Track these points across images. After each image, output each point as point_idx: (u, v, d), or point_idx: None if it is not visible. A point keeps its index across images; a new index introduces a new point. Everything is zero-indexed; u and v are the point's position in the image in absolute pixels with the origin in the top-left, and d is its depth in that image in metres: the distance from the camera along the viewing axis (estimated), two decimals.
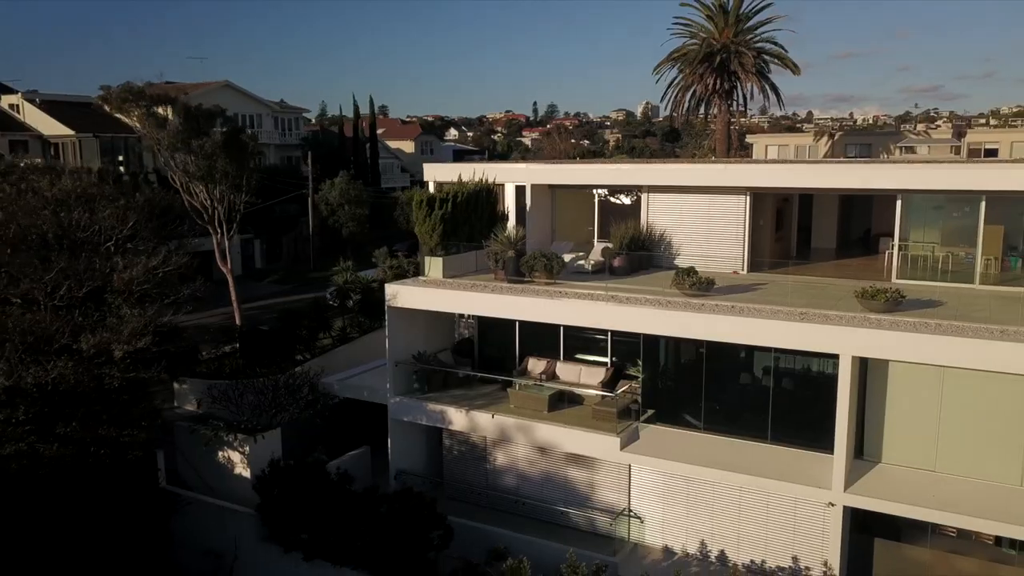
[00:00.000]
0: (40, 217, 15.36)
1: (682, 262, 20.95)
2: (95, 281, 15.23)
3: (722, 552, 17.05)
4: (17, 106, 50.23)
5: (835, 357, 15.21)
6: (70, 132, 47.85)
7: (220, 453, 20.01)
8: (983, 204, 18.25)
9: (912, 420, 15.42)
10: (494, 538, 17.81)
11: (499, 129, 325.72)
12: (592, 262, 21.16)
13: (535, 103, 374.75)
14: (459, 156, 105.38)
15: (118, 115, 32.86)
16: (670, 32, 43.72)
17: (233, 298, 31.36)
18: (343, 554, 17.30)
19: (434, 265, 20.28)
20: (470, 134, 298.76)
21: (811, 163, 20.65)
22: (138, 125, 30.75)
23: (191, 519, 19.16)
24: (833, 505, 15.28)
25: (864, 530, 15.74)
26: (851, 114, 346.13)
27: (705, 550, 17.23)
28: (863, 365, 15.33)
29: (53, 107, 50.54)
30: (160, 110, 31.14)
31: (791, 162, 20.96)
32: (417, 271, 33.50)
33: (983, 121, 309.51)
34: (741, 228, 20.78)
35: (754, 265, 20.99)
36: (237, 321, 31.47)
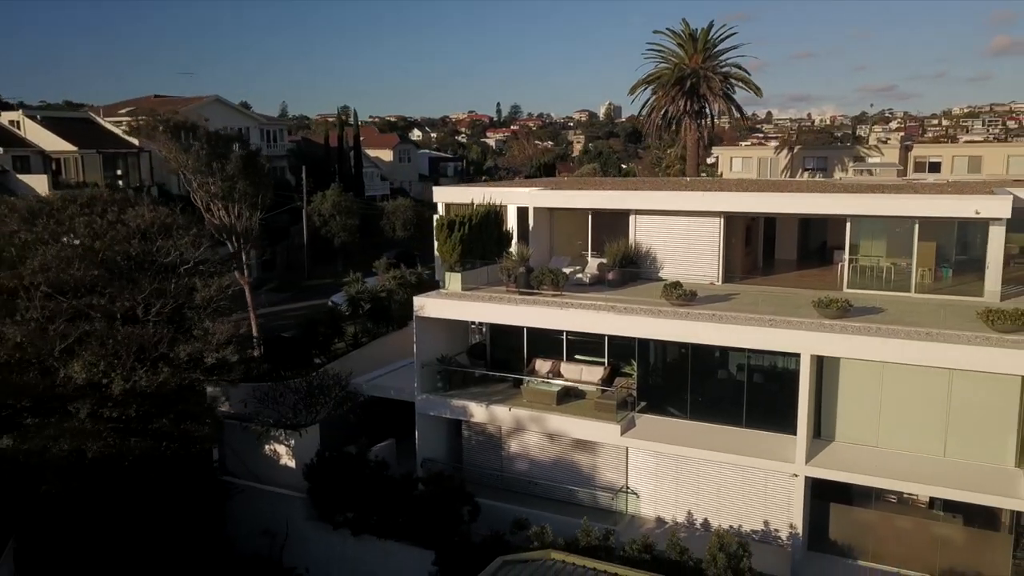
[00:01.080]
0: (131, 245, 18.05)
1: (666, 275, 24.30)
2: (179, 299, 17.95)
3: (705, 520, 20.30)
4: (17, 122, 51.89)
5: (797, 356, 18.54)
6: (72, 148, 49.73)
7: (267, 447, 22.75)
8: (916, 226, 21.80)
9: (859, 406, 18.83)
10: (511, 514, 20.78)
11: (463, 130, 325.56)
12: (589, 275, 24.34)
13: (498, 104, 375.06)
14: (434, 163, 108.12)
15: (146, 141, 35.12)
16: (644, 56, 47.30)
17: (251, 307, 33.95)
18: (386, 529, 20.24)
19: (454, 280, 23.26)
20: (434, 135, 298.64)
21: (775, 193, 23.92)
22: (163, 150, 33.12)
23: (246, 504, 21.92)
24: (797, 476, 18.62)
25: (822, 497, 19.12)
26: (809, 115, 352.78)
27: (691, 519, 20.47)
28: (820, 362, 18.68)
29: (53, 123, 52.38)
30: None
31: (759, 191, 24.22)
32: (419, 280, 36.60)
33: (935, 122, 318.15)
34: (716, 245, 24.11)
35: (727, 277, 24.34)
36: (254, 329, 34.04)
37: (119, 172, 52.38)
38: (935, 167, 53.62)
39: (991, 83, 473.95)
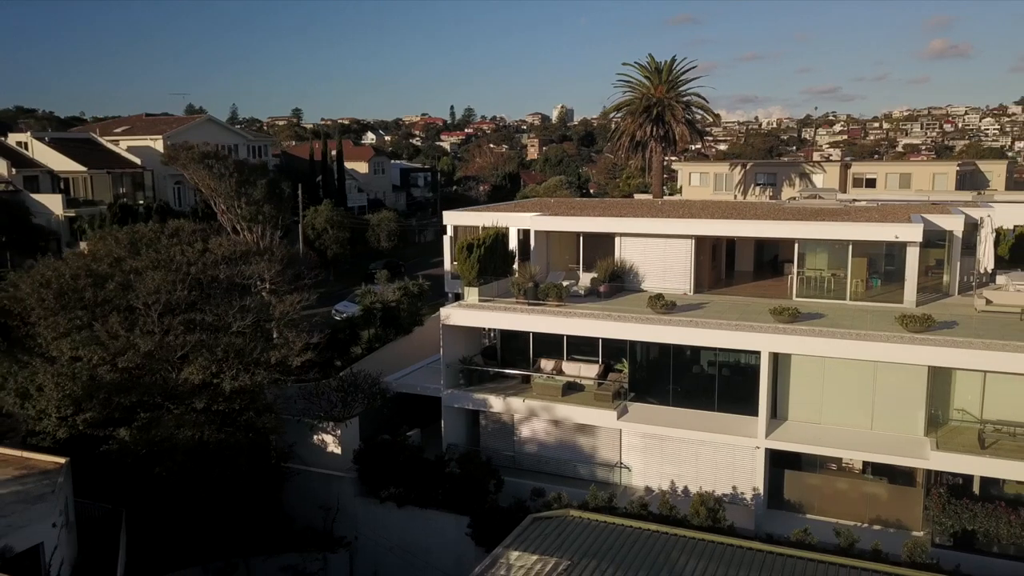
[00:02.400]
0: (219, 269, 21.82)
1: (647, 287, 28.86)
2: (261, 314, 21.78)
3: (685, 487, 24.80)
4: (26, 144, 54.44)
5: (757, 353, 23.15)
6: (82, 168, 52.54)
7: (315, 436, 26.66)
8: (850, 246, 26.68)
9: (806, 391, 23.55)
10: (525, 488, 24.97)
11: (417, 133, 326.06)
12: (583, 288, 28.75)
13: (452, 107, 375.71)
14: (405, 175, 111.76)
15: (185, 172, 38.55)
16: (614, 86, 52.13)
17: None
18: (426, 501, 24.36)
19: (472, 293, 27.46)
20: (387, 138, 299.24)
21: (737, 220, 28.58)
22: (194, 178, 36.65)
23: (302, 485, 25.79)
24: (758, 449, 23.24)
25: (778, 465, 23.77)
26: (756, 117, 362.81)
27: (674, 487, 24.96)
28: (775, 357, 23.33)
29: (59, 144, 55.06)
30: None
31: (723, 218, 28.86)
32: (420, 291, 40.57)
33: (877, 125, 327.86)
34: (688, 262, 28.72)
35: (697, 288, 28.95)
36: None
37: (123, 190, 55.33)
38: (871, 183, 59.47)
39: (929, 85, 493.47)
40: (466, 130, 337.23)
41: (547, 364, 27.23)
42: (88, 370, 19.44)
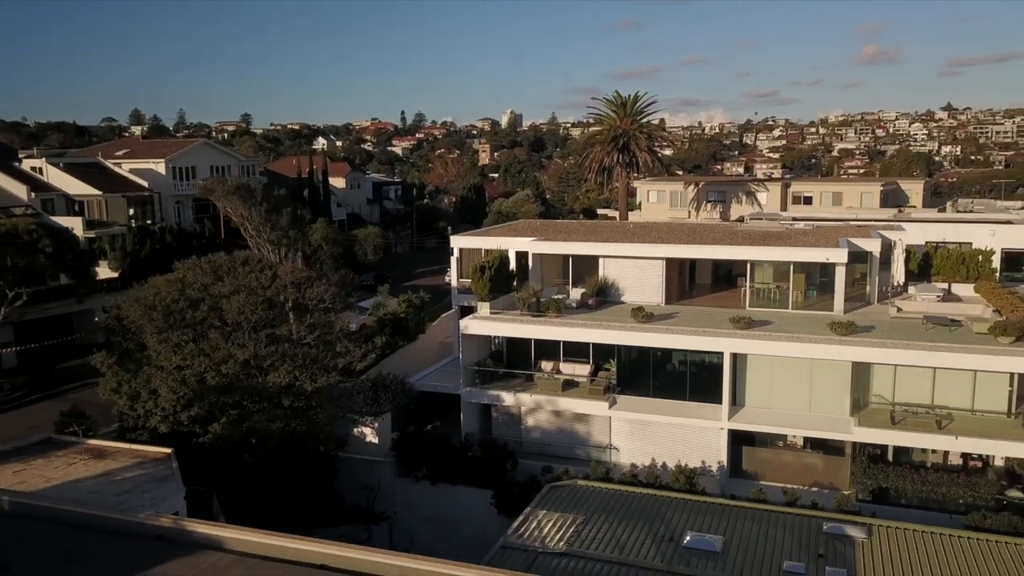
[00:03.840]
0: (288, 292, 26.38)
1: (626, 300, 34.16)
2: (325, 328, 26.38)
3: (664, 463, 30.07)
4: (40, 168, 57.48)
5: (720, 353, 28.58)
6: (97, 192, 55.88)
7: (356, 429, 31.29)
8: (792, 265, 32.39)
9: (759, 382, 29.08)
10: (532, 467, 30.01)
11: (368, 138, 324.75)
12: (575, 301, 33.93)
13: (403, 112, 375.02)
14: (378, 188, 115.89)
15: (218, 202, 42.61)
16: (584, 117, 57.54)
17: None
18: (455, 479, 29.21)
19: (484, 307, 32.41)
20: (339, 143, 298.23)
21: (700, 245, 34.10)
22: (227, 207, 40.83)
23: (348, 469, 30.38)
24: (722, 429, 28.68)
25: (738, 442, 29.25)
26: (700, 123, 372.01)
27: (654, 462, 30.24)
28: (735, 356, 28.79)
29: (72, 168, 58.26)
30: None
31: (689, 243, 34.37)
32: (422, 303, 45.31)
33: (813, 130, 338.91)
34: (660, 278, 34.09)
35: (668, 300, 34.38)
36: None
37: (132, 212, 58.75)
38: (808, 200, 66.07)
39: (863, 89, 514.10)
40: (417, 135, 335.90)
41: (547, 365, 32.32)
42: (196, 376, 23.87)
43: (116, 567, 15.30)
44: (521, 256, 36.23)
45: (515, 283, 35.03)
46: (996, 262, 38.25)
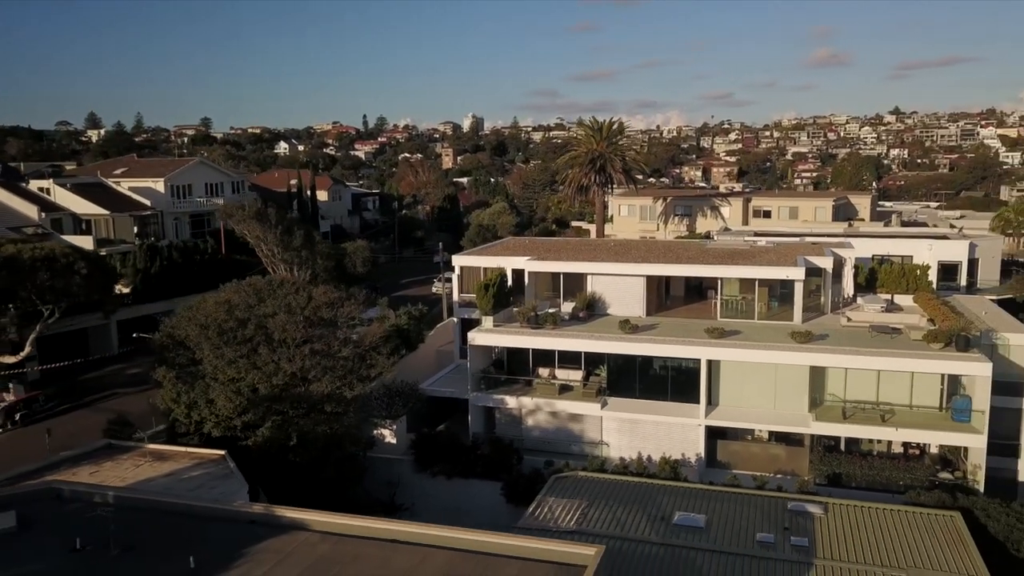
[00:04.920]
0: (323, 311, 29.66)
1: (611, 312, 38.00)
2: (358, 342, 29.70)
3: (649, 456, 33.94)
4: (48, 189, 59.54)
5: (697, 359, 32.58)
6: (104, 211, 58.17)
7: (376, 431, 34.61)
8: (756, 281, 36.56)
9: (731, 384, 33.11)
10: (533, 462, 33.64)
11: (330, 141, 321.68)
12: (567, 314, 37.70)
13: (364, 116, 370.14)
14: (357, 200, 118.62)
15: (237, 226, 45.46)
16: (567, 139, 61.50)
17: None
18: (467, 473, 32.73)
19: (488, 321, 36.00)
20: (300, 147, 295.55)
21: (676, 264, 38.14)
22: (245, 230, 43.79)
23: (370, 467, 33.70)
24: (700, 425, 32.65)
25: (713, 436, 33.24)
26: (658, 126, 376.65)
27: (641, 456, 34.10)
28: (710, 362, 32.79)
29: (78, 188, 60.42)
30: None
31: (666, 262, 38.38)
32: (421, 315, 48.69)
33: (768, 133, 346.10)
34: (641, 293, 38.01)
35: (648, 311, 38.33)
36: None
37: (135, 230, 61.06)
38: (768, 214, 70.93)
39: (815, 92, 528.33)
40: (379, 139, 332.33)
41: (544, 371, 36.02)
42: (249, 387, 27.09)
43: (225, 544, 18.56)
44: (517, 273, 39.87)
45: (511, 298, 38.67)
46: (933, 274, 43.01)
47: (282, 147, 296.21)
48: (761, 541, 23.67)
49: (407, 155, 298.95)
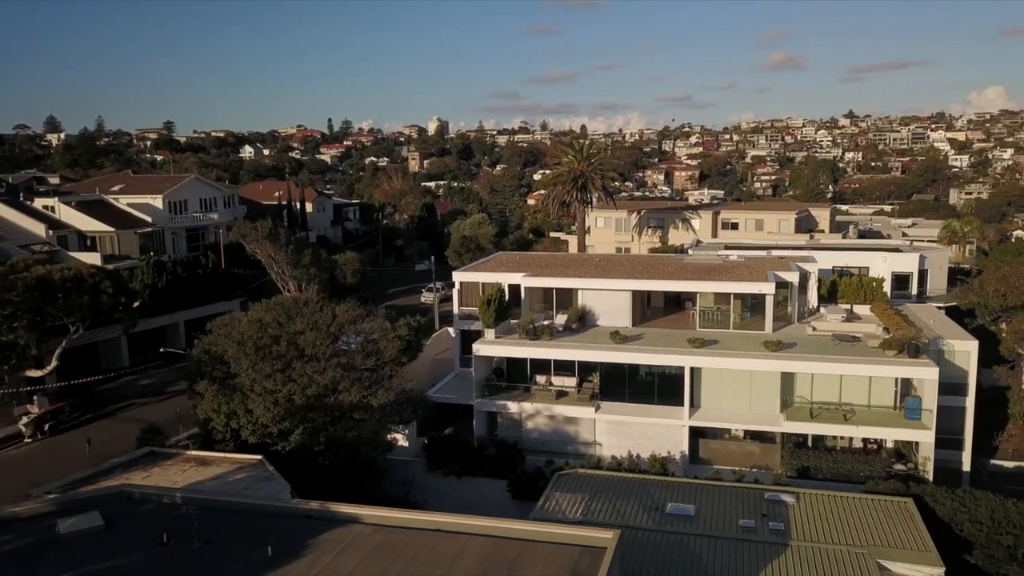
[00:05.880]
0: (345, 328, 32.34)
1: (600, 323, 41.17)
2: (379, 355, 32.45)
3: (639, 454, 37.13)
4: (52, 207, 61.00)
5: (681, 367, 35.89)
6: (109, 228, 59.84)
7: (390, 435, 37.30)
8: (731, 294, 40.02)
9: (711, 389, 36.45)
10: (534, 462, 36.63)
11: (295, 145, 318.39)
12: (561, 326, 40.80)
13: (330, 120, 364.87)
14: (338, 210, 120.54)
15: (250, 245, 47.73)
16: (549, 162, 64.80)
17: None
18: (475, 472, 35.62)
19: (490, 333, 38.94)
20: (266, 151, 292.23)
21: (658, 280, 41.46)
22: (257, 249, 46.14)
23: (390, 468, 36.41)
24: (684, 426, 35.95)
25: (695, 435, 36.57)
26: (620, 130, 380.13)
27: (631, 454, 37.29)
28: (693, 369, 36.10)
29: (82, 206, 61.98)
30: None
31: (649, 278, 41.71)
32: (419, 326, 51.25)
33: (728, 137, 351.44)
34: (628, 306, 41.26)
35: (634, 322, 41.58)
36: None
37: (139, 246, 62.73)
38: (735, 226, 75.01)
39: (772, 94, 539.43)
40: (345, 142, 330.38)
41: (541, 379, 39.10)
42: (286, 398, 29.71)
43: (290, 537, 21.23)
44: (513, 288, 42.88)
45: (508, 311, 41.65)
46: (888, 285, 46.96)
47: (247, 151, 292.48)
48: (744, 526, 26.94)
49: (374, 159, 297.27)
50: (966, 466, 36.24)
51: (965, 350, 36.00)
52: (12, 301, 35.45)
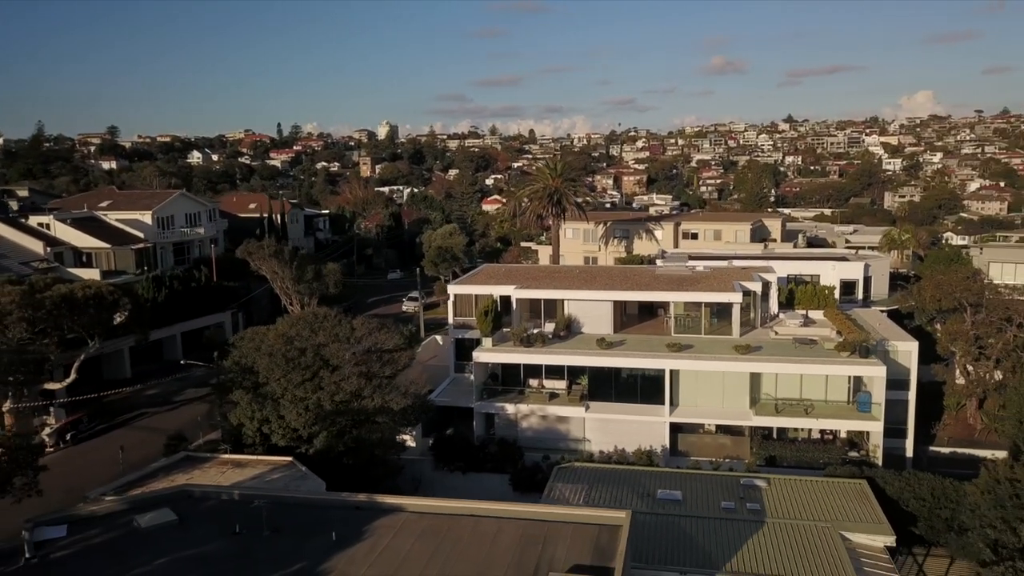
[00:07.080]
0: (364, 340, 35.21)
1: (586, 331, 44.75)
2: (395, 364, 35.40)
3: (624, 449, 40.74)
4: (47, 224, 61.99)
5: (661, 369, 39.64)
6: (105, 245, 61.17)
7: (398, 436, 40.21)
8: (704, 302, 43.99)
9: (689, 389, 40.26)
10: (535, 457, 39.89)
11: (244, 150, 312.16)
12: (550, 333, 44.24)
13: (279, 124, 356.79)
14: (309, 220, 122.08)
15: (255, 263, 49.86)
16: (526, 177, 68.37)
17: None
18: (479, 468, 38.78)
19: (487, 341, 42.16)
20: (215, 157, 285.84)
21: (637, 291, 45.22)
22: (264, 267, 48.45)
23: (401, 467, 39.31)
24: (665, 422, 39.69)
25: (675, 431, 40.36)
26: (569, 135, 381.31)
27: (617, 449, 40.89)
28: (672, 372, 39.87)
29: (76, 223, 63.13)
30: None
31: (628, 289, 45.48)
32: (411, 335, 54.13)
33: (673, 141, 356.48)
34: (610, 315, 44.92)
35: (615, 329, 45.25)
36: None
37: (134, 262, 64.10)
38: (695, 236, 79.66)
39: (713, 98, 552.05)
40: (295, 147, 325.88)
41: (534, 382, 42.48)
42: (315, 404, 32.51)
43: (347, 524, 24.12)
44: (504, 299, 46.18)
45: (501, 320, 44.94)
46: (837, 291, 51.58)
47: (195, 156, 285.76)
48: (725, 507, 30.67)
49: (325, 164, 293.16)
50: (909, 452, 40.73)
51: (907, 350, 40.53)
52: (42, 319, 37.34)
